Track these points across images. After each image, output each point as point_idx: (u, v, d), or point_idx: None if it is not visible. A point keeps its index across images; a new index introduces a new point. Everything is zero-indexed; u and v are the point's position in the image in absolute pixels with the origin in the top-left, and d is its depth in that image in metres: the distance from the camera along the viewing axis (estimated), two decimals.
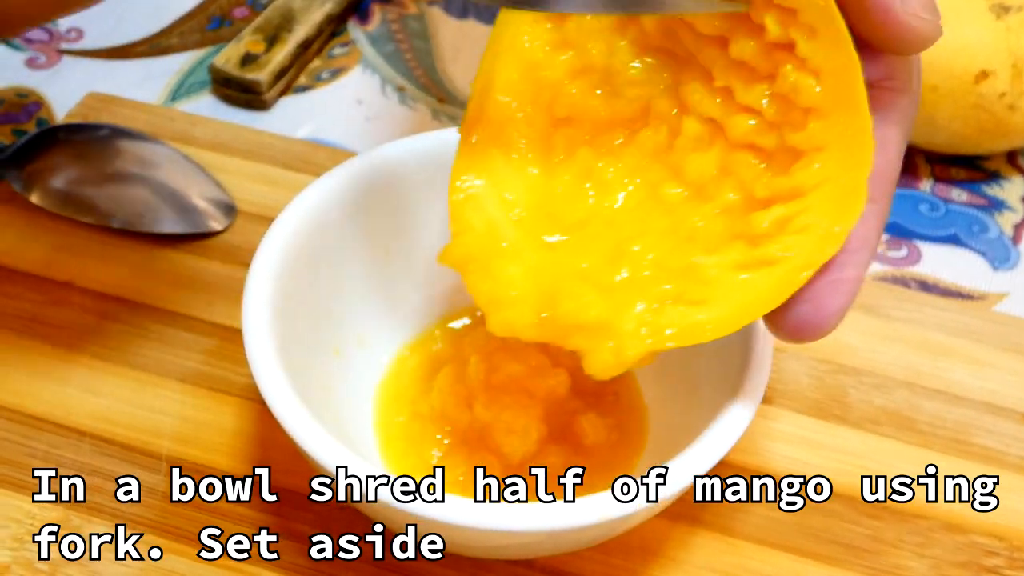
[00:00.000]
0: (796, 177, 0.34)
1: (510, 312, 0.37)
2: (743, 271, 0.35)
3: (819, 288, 0.34)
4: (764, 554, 0.43)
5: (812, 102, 0.34)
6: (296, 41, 0.64)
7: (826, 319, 0.34)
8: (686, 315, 0.35)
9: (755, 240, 0.35)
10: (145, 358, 0.48)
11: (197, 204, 0.53)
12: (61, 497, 0.43)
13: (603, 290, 0.37)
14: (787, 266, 0.34)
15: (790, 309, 0.34)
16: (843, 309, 0.34)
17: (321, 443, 0.35)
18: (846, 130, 0.33)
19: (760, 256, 0.35)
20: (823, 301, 0.34)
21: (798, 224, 0.34)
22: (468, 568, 0.42)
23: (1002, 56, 0.55)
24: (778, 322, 0.35)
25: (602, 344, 0.36)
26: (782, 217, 0.34)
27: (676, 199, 0.37)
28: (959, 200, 0.60)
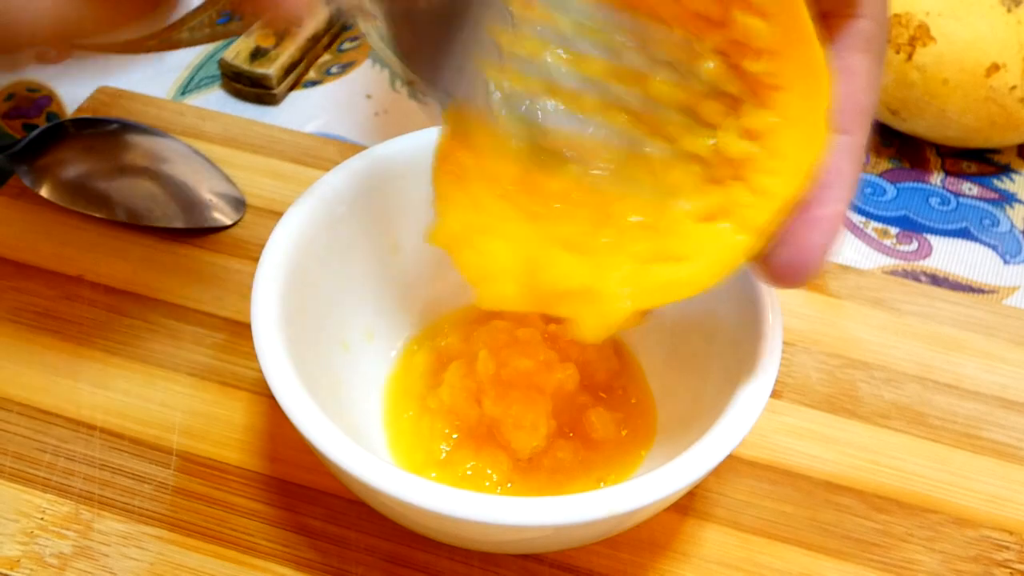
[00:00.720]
0: (757, 118, 0.34)
1: (497, 285, 0.38)
2: (717, 221, 0.35)
3: (796, 228, 0.33)
4: (774, 548, 0.43)
5: (763, 43, 0.33)
6: (305, 35, 0.64)
7: (808, 259, 0.33)
8: (668, 272, 0.35)
9: (726, 188, 0.35)
10: (155, 352, 0.48)
11: (206, 198, 0.53)
12: (71, 491, 0.43)
13: (586, 255, 0.37)
14: (758, 208, 0.34)
15: (772, 254, 0.34)
16: (825, 247, 0.33)
17: (330, 437, 0.35)
18: (799, 66, 0.33)
19: (732, 202, 0.34)
20: (803, 241, 0.33)
21: (764, 166, 0.34)
22: (478, 563, 0.42)
23: (1013, 50, 0.55)
24: (764, 269, 0.34)
25: (588, 309, 0.36)
26: (748, 160, 0.34)
27: (652, 157, 0.37)
28: (970, 194, 0.60)
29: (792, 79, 0.33)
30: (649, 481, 0.35)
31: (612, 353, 0.46)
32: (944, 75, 0.55)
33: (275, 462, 0.44)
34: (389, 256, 0.46)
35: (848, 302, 0.52)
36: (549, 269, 0.37)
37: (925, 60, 0.56)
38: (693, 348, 0.44)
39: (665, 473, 0.35)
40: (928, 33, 0.55)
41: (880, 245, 0.57)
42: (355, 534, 0.43)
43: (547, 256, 0.37)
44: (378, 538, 0.42)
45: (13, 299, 0.49)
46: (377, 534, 0.42)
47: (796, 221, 0.33)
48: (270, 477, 0.44)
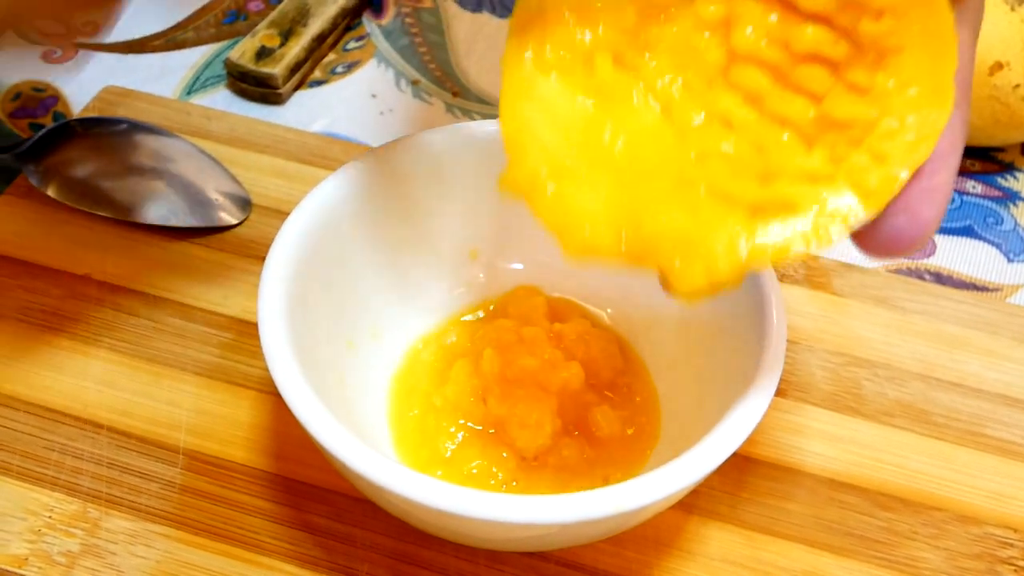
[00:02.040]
0: (876, 81, 0.33)
1: (587, 233, 0.35)
2: (831, 182, 0.33)
3: (913, 197, 0.32)
4: (778, 546, 0.43)
5: (886, 2, 0.32)
6: (311, 35, 0.64)
7: (923, 228, 0.33)
8: (778, 229, 0.34)
9: (841, 152, 0.33)
10: (162, 351, 0.48)
11: (212, 198, 0.53)
12: (79, 490, 0.44)
13: (686, 208, 0.35)
14: (880, 173, 0.33)
15: (883, 221, 0.33)
16: (938, 218, 0.33)
17: (336, 436, 0.36)
18: (926, 27, 0.32)
19: (849, 164, 0.33)
20: (918, 210, 0.32)
21: (884, 130, 0.33)
22: (483, 560, 0.42)
23: (1017, 48, 0.55)
24: (869, 237, 0.33)
25: (692, 263, 0.34)
26: (865, 123, 0.33)
27: (747, 120, 0.35)
28: (974, 192, 0.60)
29: (915, 41, 0.32)
30: (654, 479, 0.35)
31: (617, 351, 0.47)
32: None
33: (281, 460, 0.45)
34: (395, 255, 0.47)
35: (852, 300, 0.52)
36: (651, 217, 0.35)
37: None
38: (698, 346, 0.44)
39: (670, 471, 0.35)
40: None
41: None
42: (361, 532, 0.43)
43: (647, 203, 0.35)
44: (384, 536, 0.43)
45: (20, 298, 0.50)
46: (383, 532, 0.43)
47: (913, 190, 0.32)
48: (276, 475, 0.44)
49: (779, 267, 0.52)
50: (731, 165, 0.35)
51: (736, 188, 0.35)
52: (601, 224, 0.35)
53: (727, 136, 0.36)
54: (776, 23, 0.35)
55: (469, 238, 0.48)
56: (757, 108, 0.35)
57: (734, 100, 0.36)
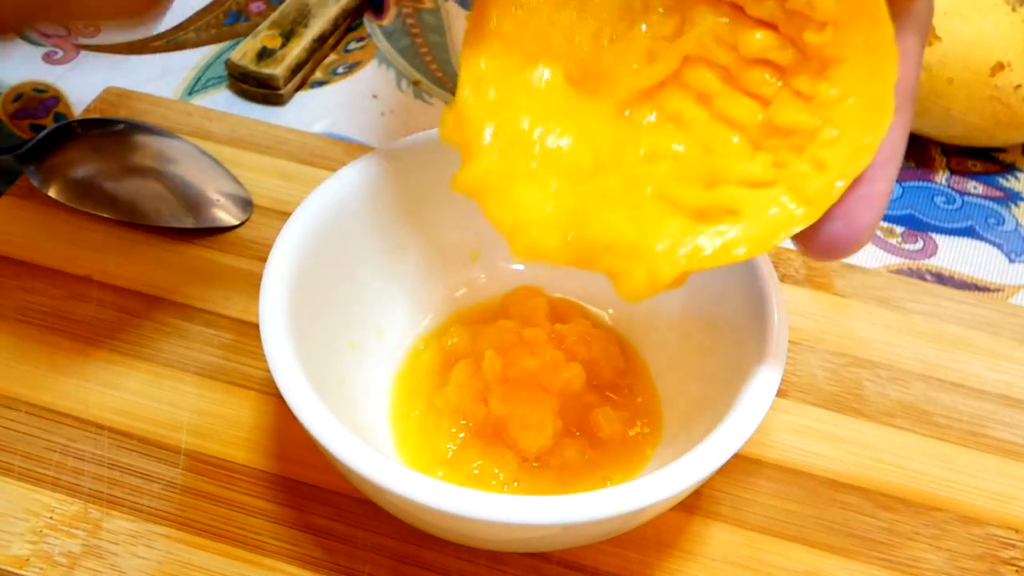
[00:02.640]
0: (819, 90, 0.34)
1: (534, 235, 0.36)
2: (771, 188, 0.34)
3: (850, 203, 0.34)
4: (780, 547, 0.43)
5: (828, 14, 0.33)
6: (312, 36, 0.64)
7: (858, 234, 0.34)
8: (719, 234, 0.35)
9: (783, 158, 0.35)
10: (163, 352, 0.48)
11: (214, 199, 0.53)
12: (80, 491, 0.44)
13: (631, 211, 0.36)
14: (820, 181, 0.33)
15: (821, 226, 0.34)
16: (874, 223, 0.34)
17: (337, 436, 0.36)
18: (867, 40, 0.33)
19: (790, 172, 0.34)
20: (855, 216, 0.34)
21: (825, 138, 0.34)
22: (484, 561, 0.42)
23: (1018, 48, 0.55)
24: (808, 240, 0.35)
25: (634, 267, 0.35)
26: (806, 131, 0.34)
27: (697, 119, 0.37)
28: (975, 192, 0.60)
29: (857, 52, 0.33)
30: (655, 480, 0.35)
31: (618, 352, 0.47)
32: (949, 74, 0.56)
33: (283, 461, 0.45)
34: (396, 255, 0.47)
35: (853, 301, 0.52)
36: (595, 221, 0.36)
37: (930, 59, 0.56)
38: (699, 347, 0.44)
39: (671, 472, 0.35)
40: (933, 32, 0.55)
41: (885, 244, 0.57)
42: (362, 532, 0.43)
43: (593, 207, 0.36)
44: (385, 536, 0.43)
45: (21, 299, 0.50)
46: (384, 532, 0.43)
47: (850, 197, 0.34)
48: (278, 476, 0.44)
49: (780, 267, 0.52)
50: (678, 167, 0.36)
51: (681, 192, 0.36)
52: (548, 228, 0.36)
53: (676, 136, 0.37)
54: (726, 26, 0.36)
55: (470, 239, 0.48)
56: (707, 108, 0.36)
57: (685, 100, 0.37)
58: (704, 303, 0.45)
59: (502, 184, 0.37)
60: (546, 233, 0.36)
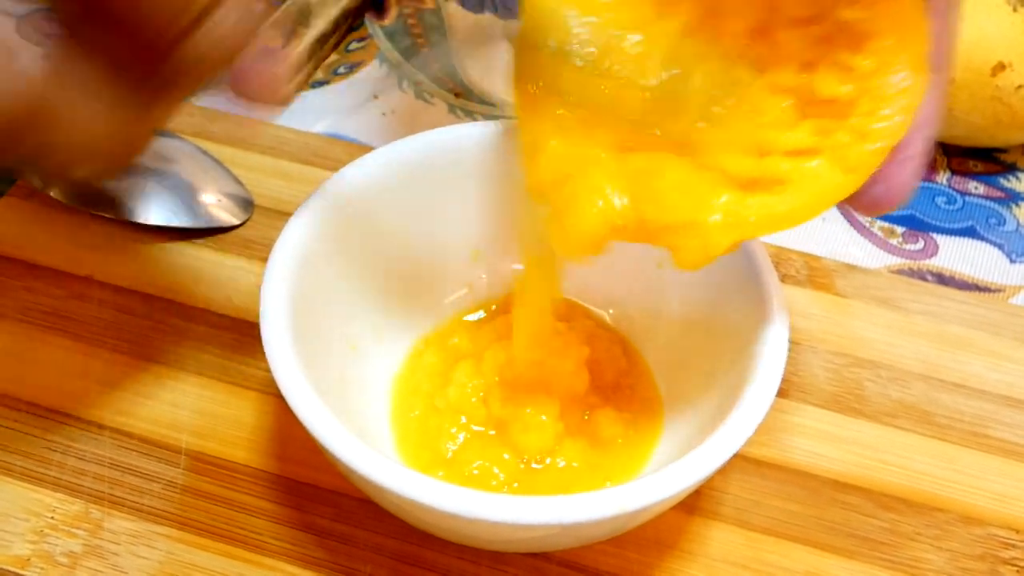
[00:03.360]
0: (856, 62, 0.35)
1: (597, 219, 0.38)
2: (815, 158, 0.36)
3: (891, 168, 0.36)
4: (781, 547, 0.43)
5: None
6: (313, 36, 0.64)
7: (899, 195, 0.36)
8: (767, 204, 0.36)
9: (826, 127, 0.36)
10: (164, 352, 0.48)
11: (215, 199, 0.53)
12: (81, 491, 0.44)
13: (684, 186, 0.37)
14: (860, 150, 0.35)
15: (864, 189, 0.36)
16: (915, 183, 0.36)
17: (338, 437, 0.36)
18: (897, 13, 0.35)
19: (833, 141, 0.36)
20: (895, 179, 0.36)
21: (864, 108, 0.35)
22: (485, 561, 0.42)
23: (1019, 48, 0.55)
24: (853, 200, 0.37)
25: (690, 241, 0.37)
26: (848, 102, 0.36)
27: (743, 92, 0.38)
28: (976, 193, 0.60)
29: (888, 25, 0.35)
30: (656, 480, 0.35)
31: (621, 353, 0.47)
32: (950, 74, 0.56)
33: (283, 461, 0.45)
34: (397, 256, 0.47)
35: (854, 301, 0.52)
36: (651, 204, 0.37)
37: None
38: (700, 347, 0.44)
39: (672, 472, 0.35)
40: None
41: (886, 244, 0.57)
42: (363, 533, 0.43)
43: (650, 188, 0.38)
44: (386, 537, 0.43)
45: (22, 299, 0.50)
46: (385, 533, 0.43)
47: (890, 162, 0.36)
48: (279, 476, 0.44)
49: (781, 268, 0.52)
50: (727, 136, 0.38)
51: (730, 162, 0.37)
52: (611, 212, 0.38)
53: (727, 104, 0.38)
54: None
55: (471, 239, 0.48)
56: (759, 73, 0.38)
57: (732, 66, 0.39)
58: (705, 303, 0.45)
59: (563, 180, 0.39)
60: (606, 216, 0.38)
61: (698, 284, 0.45)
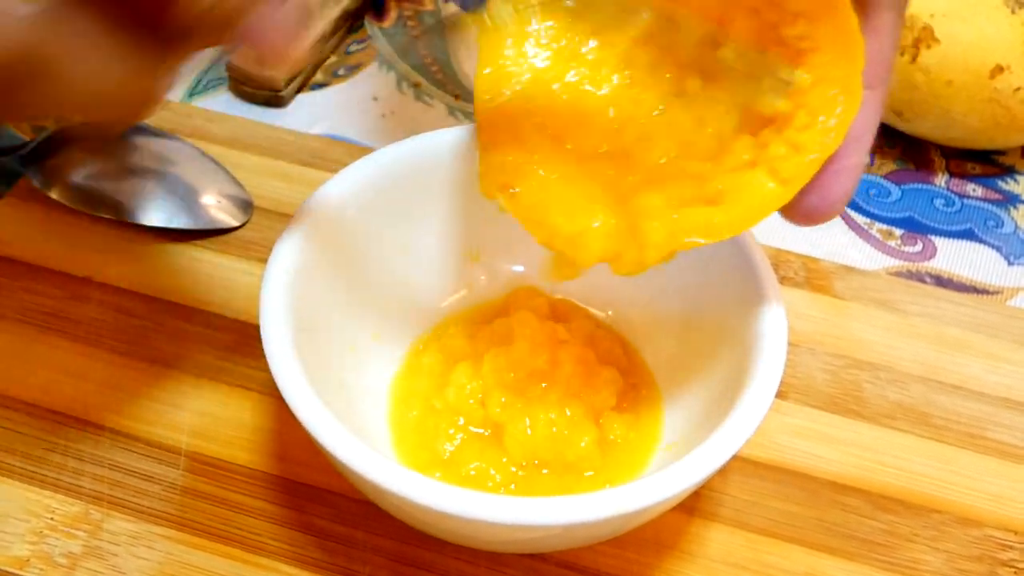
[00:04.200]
0: (794, 76, 0.37)
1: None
2: (753, 169, 0.37)
3: (825, 178, 0.37)
4: (779, 548, 0.43)
5: (800, 8, 0.36)
6: (313, 37, 0.64)
7: (832, 205, 0.37)
8: (704, 215, 0.38)
9: (762, 141, 0.37)
10: (163, 353, 0.48)
11: (214, 200, 0.54)
12: (81, 491, 0.44)
13: (623, 199, 0.39)
14: (794, 162, 0.36)
15: (799, 199, 0.37)
16: (849, 193, 0.37)
17: (338, 437, 0.36)
18: (833, 30, 0.36)
19: (769, 154, 0.37)
20: (829, 189, 0.37)
21: (799, 122, 0.37)
22: (484, 562, 0.42)
23: (1017, 51, 0.55)
24: (789, 210, 0.38)
25: (627, 252, 0.39)
26: (784, 117, 0.37)
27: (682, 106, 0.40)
28: (974, 195, 0.60)
29: (826, 42, 0.36)
30: (655, 481, 0.35)
31: (621, 353, 0.47)
32: (948, 76, 0.56)
33: (283, 462, 0.45)
34: (397, 257, 0.47)
35: (853, 303, 0.52)
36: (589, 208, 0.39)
37: (929, 62, 0.56)
38: (699, 349, 0.44)
39: (671, 473, 0.35)
40: (933, 35, 0.55)
41: (885, 246, 0.57)
42: (362, 533, 0.43)
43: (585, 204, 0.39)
44: (385, 537, 0.43)
45: (22, 300, 0.50)
46: (384, 533, 0.43)
47: (825, 172, 0.37)
48: (278, 477, 0.44)
49: (779, 269, 0.52)
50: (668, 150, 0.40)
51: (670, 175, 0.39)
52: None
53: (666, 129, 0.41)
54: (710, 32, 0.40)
55: (470, 240, 0.48)
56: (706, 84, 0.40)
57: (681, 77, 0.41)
58: (703, 305, 0.45)
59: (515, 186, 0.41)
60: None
61: (696, 285, 0.45)
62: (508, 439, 0.43)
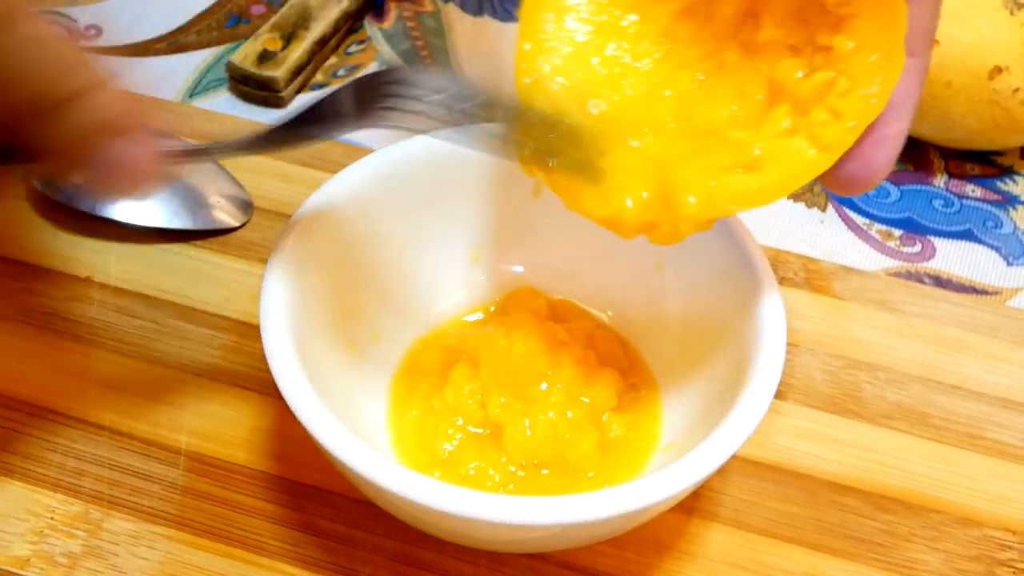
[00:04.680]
0: (835, 43, 0.36)
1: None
2: (792, 136, 0.37)
3: (866, 146, 0.36)
4: (778, 548, 0.43)
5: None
6: (313, 38, 0.64)
7: (874, 174, 0.37)
8: (741, 182, 0.37)
9: (801, 106, 0.37)
10: (164, 354, 0.48)
11: (215, 201, 0.54)
12: (81, 491, 0.44)
13: (661, 170, 0.38)
14: (835, 128, 0.36)
15: (839, 167, 0.37)
16: (890, 162, 0.37)
17: (338, 438, 0.36)
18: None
19: (808, 121, 0.37)
20: (870, 157, 0.37)
21: (840, 88, 0.36)
22: (484, 561, 0.42)
23: (1016, 52, 0.55)
24: (829, 178, 0.37)
25: (664, 222, 0.38)
26: (824, 82, 0.37)
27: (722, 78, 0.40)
28: (973, 196, 0.60)
29: (867, 7, 0.35)
30: (654, 481, 0.35)
31: (622, 353, 0.47)
32: (947, 77, 0.56)
33: (283, 462, 0.45)
34: (396, 257, 0.47)
35: (852, 304, 0.52)
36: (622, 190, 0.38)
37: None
38: (698, 349, 0.45)
39: (670, 473, 0.35)
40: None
41: (884, 247, 0.57)
42: (362, 533, 0.43)
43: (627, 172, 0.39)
44: (385, 537, 0.43)
45: (23, 300, 0.50)
46: (384, 533, 0.43)
47: (866, 140, 0.36)
48: (278, 477, 0.44)
49: (779, 270, 0.52)
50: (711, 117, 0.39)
51: (707, 146, 0.39)
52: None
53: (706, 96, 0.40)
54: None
55: (470, 241, 0.49)
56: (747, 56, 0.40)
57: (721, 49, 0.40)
58: (703, 305, 0.45)
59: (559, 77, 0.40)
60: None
61: (696, 285, 0.45)
62: (507, 440, 0.43)
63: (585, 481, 0.43)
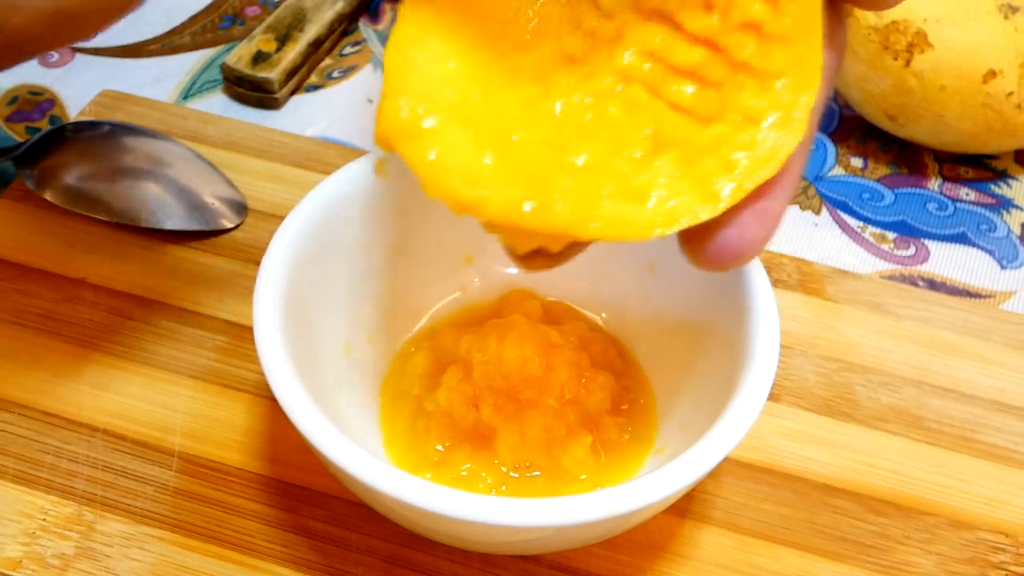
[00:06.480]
0: (747, 99, 0.34)
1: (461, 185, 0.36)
2: (681, 179, 0.34)
3: (746, 215, 0.33)
4: (771, 550, 0.43)
5: (769, 29, 0.33)
6: (307, 40, 0.64)
7: (748, 247, 0.33)
8: (618, 211, 0.34)
9: (695, 152, 0.34)
10: (157, 355, 0.48)
11: (208, 202, 0.54)
12: (74, 493, 0.44)
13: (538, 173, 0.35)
14: (725, 179, 0.33)
15: (714, 233, 0.33)
16: (765, 241, 0.33)
17: (331, 439, 0.36)
18: (803, 58, 0.33)
19: (697, 169, 0.33)
20: (748, 229, 0.33)
21: (739, 141, 0.33)
22: (477, 564, 0.42)
23: (1010, 56, 0.55)
24: (698, 245, 0.34)
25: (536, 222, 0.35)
26: (724, 134, 0.34)
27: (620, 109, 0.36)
28: (967, 199, 0.60)
29: (791, 69, 0.33)
30: (647, 483, 0.35)
31: (616, 355, 0.47)
32: (942, 81, 0.56)
33: (276, 464, 0.45)
34: (389, 259, 0.47)
35: (846, 306, 0.52)
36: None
37: (923, 66, 0.56)
38: (692, 351, 0.45)
39: (663, 475, 0.35)
40: (926, 40, 0.56)
41: (878, 250, 0.57)
42: (355, 535, 0.43)
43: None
44: (378, 539, 0.43)
45: (15, 301, 0.50)
46: (377, 535, 0.43)
47: (747, 209, 0.33)
48: (271, 478, 0.44)
49: (772, 272, 0.52)
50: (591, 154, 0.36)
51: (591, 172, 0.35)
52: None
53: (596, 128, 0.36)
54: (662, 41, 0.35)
55: (464, 242, 0.49)
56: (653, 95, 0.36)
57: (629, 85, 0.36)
58: (697, 307, 0.45)
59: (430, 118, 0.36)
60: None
61: (690, 288, 0.45)
62: (500, 443, 0.43)
63: (578, 484, 0.43)
